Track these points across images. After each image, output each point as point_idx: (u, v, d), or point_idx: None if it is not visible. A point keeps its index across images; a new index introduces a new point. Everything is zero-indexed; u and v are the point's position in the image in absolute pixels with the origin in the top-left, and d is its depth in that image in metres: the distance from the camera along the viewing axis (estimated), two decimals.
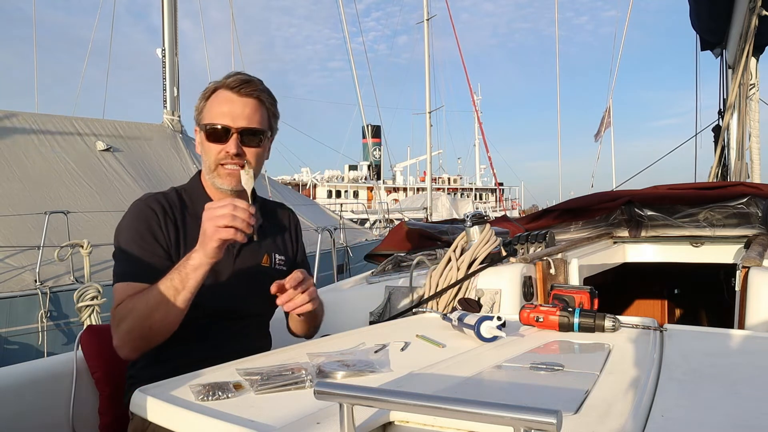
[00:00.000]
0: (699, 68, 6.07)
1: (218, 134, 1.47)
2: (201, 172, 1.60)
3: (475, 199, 42.69)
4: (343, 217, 11.51)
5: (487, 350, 1.28)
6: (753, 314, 1.81)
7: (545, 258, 2.27)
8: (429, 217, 22.63)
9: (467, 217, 2.18)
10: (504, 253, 2.18)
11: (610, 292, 2.55)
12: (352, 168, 40.93)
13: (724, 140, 5.09)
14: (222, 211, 1.27)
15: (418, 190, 38.29)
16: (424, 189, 30.76)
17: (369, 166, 25.97)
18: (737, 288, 1.92)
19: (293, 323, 1.65)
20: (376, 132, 30.57)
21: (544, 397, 0.97)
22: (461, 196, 38.41)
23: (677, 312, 3.71)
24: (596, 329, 1.38)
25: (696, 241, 2.89)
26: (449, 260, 2.10)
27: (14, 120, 7.77)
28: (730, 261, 2.64)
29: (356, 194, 36.91)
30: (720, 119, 5.41)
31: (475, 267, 2.07)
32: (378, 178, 26.80)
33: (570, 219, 3.20)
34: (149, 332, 1.34)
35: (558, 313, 1.42)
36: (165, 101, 9.66)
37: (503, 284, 2.01)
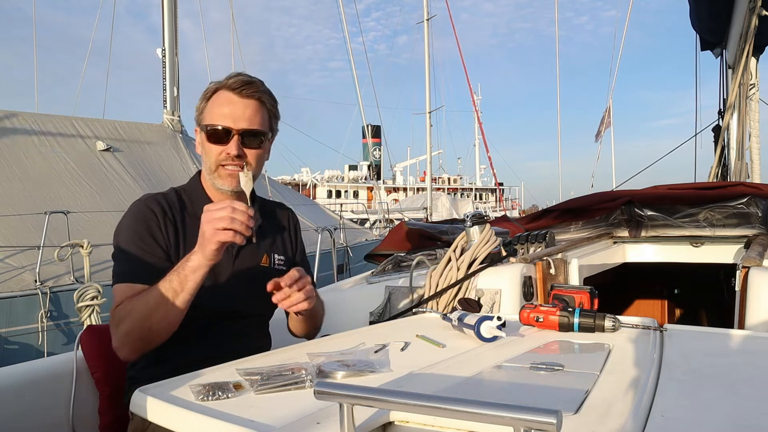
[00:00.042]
0: (699, 68, 6.08)
1: (219, 135, 1.47)
2: (201, 172, 1.60)
3: (475, 199, 42.69)
4: (343, 217, 11.52)
5: (487, 350, 1.28)
6: (753, 314, 1.81)
7: (545, 258, 2.27)
8: (429, 217, 22.63)
9: (467, 217, 2.18)
10: (504, 253, 2.18)
11: (610, 292, 2.55)
12: (352, 168, 40.92)
13: (724, 140, 5.09)
14: (221, 213, 1.27)
15: (418, 190, 38.29)
16: (424, 189, 30.77)
17: (369, 166, 25.98)
18: (737, 288, 1.92)
19: (293, 324, 1.65)
20: (376, 132, 30.57)
21: (544, 397, 0.97)
22: (461, 196, 38.41)
23: (677, 312, 3.71)
24: (596, 329, 1.38)
25: (696, 241, 2.89)
26: (449, 260, 2.10)
27: (14, 120, 7.78)
28: (730, 261, 2.64)
29: (356, 194, 36.92)
30: (720, 119, 5.41)
31: (475, 267, 2.07)
32: (378, 178, 26.80)
33: (570, 219, 3.20)
34: (148, 333, 1.34)
35: (558, 313, 1.42)
36: (165, 101, 9.67)
37: (503, 284, 2.01)
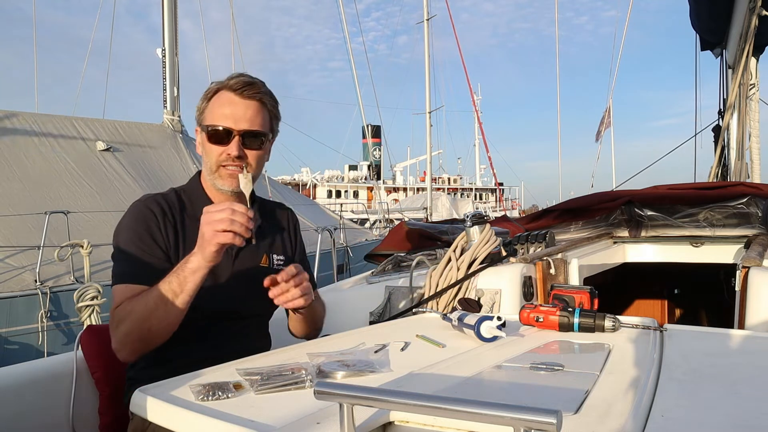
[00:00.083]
0: (699, 68, 6.08)
1: (220, 136, 1.47)
2: (200, 172, 1.60)
3: (475, 199, 42.69)
4: (343, 217, 11.52)
5: (487, 350, 1.28)
6: (753, 314, 1.81)
7: (545, 258, 2.27)
8: (429, 217, 22.63)
9: (467, 217, 2.18)
10: (504, 253, 2.18)
11: (610, 292, 2.55)
12: (352, 168, 40.92)
13: (724, 140, 5.09)
14: (220, 215, 1.27)
15: (418, 190, 38.29)
16: (424, 189, 30.77)
17: (369, 166, 25.96)
18: (737, 288, 1.92)
19: (293, 324, 1.65)
20: (376, 132, 30.57)
21: (544, 397, 0.97)
22: (461, 196, 38.41)
23: (677, 312, 3.71)
24: (596, 329, 1.38)
25: (696, 241, 2.89)
26: (449, 260, 2.10)
27: (14, 120, 7.77)
28: (730, 261, 2.64)
29: (356, 194, 36.92)
30: (720, 119, 5.41)
31: (475, 267, 2.07)
32: (378, 178, 26.81)
33: (570, 219, 3.20)
34: (148, 334, 1.34)
35: (558, 313, 1.42)
36: (165, 101, 9.67)
37: (503, 284, 2.01)
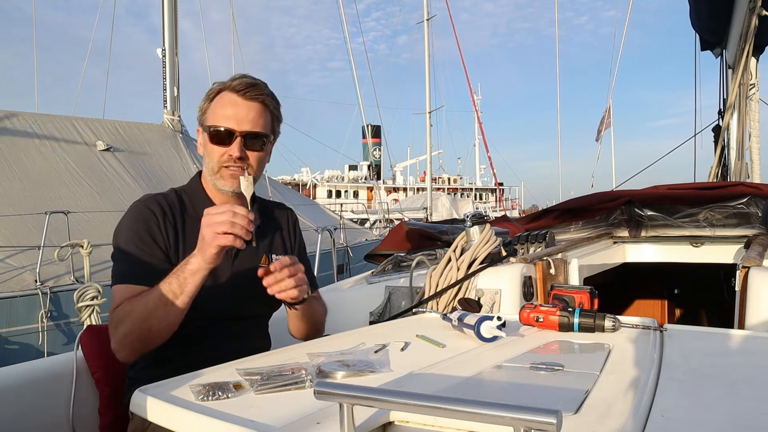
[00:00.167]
0: (699, 68, 6.09)
1: (222, 137, 1.47)
2: (201, 173, 1.60)
3: (475, 199, 42.70)
4: (343, 217, 11.52)
5: (487, 350, 1.28)
6: (753, 314, 1.81)
7: (545, 258, 2.27)
8: (429, 217, 22.63)
9: (467, 217, 2.18)
10: (504, 253, 2.18)
11: (610, 292, 2.55)
12: (352, 168, 40.93)
13: (724, 140, 5.09)
14: (221, 217, 1.27)
15: (418, 190, 38.30)
16: (424, 189, 30.77)
17: (369, 166, 25.99)
18: (737, 288, 1.92)
19: (291, 323, 1.64)
20: (376, 132, 30.56)
21: (544, 397, 0.97)
22: (461, 196, 38.42)
23: (677, 312, 3.71)
24: (596, 329, 1.38)
25: (696, 241, 2.89)
26: (449, 260, 2.10)
27: (14, 120, 7.77)
28: (730, 261, 2.64)
29: (356, 194, 36.92)
30: (720, 119, 5.41)
31: (475, 267, 2.07)
32: (378, 178, 26.82)
33: (570, 219, 3.20)
34: (147, 335, 1.34)
35: (558, 313, 1.42)
36: (165, 101, 9.68)
37: (503, 284, 2.01)
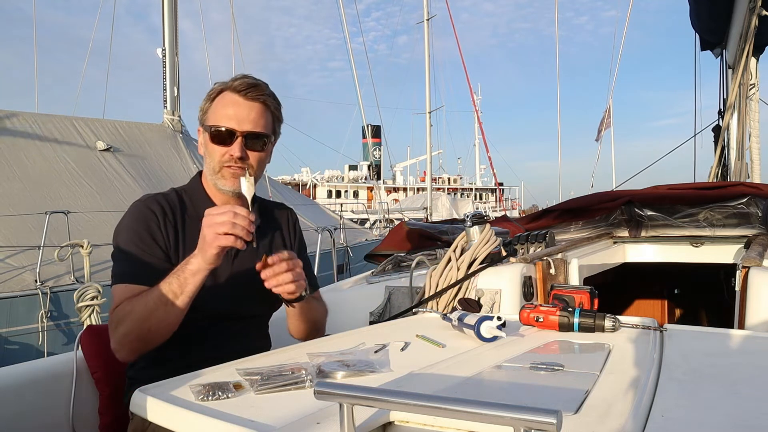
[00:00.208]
0: (699, 68, 6.09)
1: (223, 136, 1.47)
2: (201, 173, 1.60)
3: (475, 199, 42.70)
4: (343, 217, 11.52)
5: (487, 350, 1.28)
6: (753, 314, 1.81)
7: (545, 258, 2.27)
8: (429, 217, 22.64)
9: (467, 217, 2.18)
10: (504, 253, 2.18)
11: (610, 292, 2.55)
12: (352, 168, 40.93)
13: (724, 140, 5.09)
14: (222, 218, 1.27)
15: (418, 190, 38.30)
16: (424, 189, 30.78)
17: (369, 166, 25.97)
18: (737, 288, 1.92)
19: (290, 322, 1.63)
20: (376, 132, 30.57)
21: (544, 397, 0.97)
22: (461, 196, 38.40)
23: (677, 312, 3.71)
24: (596, 329, 1.38)
25: (696, 241, 2.89)
26: (449, 260, 2.09)
27: (14, 120, 7.77)
28: (730, 261, 2.64)
29: (356, 194, 36.93)
30: (720, 119, 5.42)
31: (475, 267, 2.07)
32: (378, 178, 26.82)
33: (570, 219, 3.20)
34: (147, 335, 1.34)
35: (558, 313, 1.42)
36: (165, 101, 9.68)
37: (503, 284, 2.01)
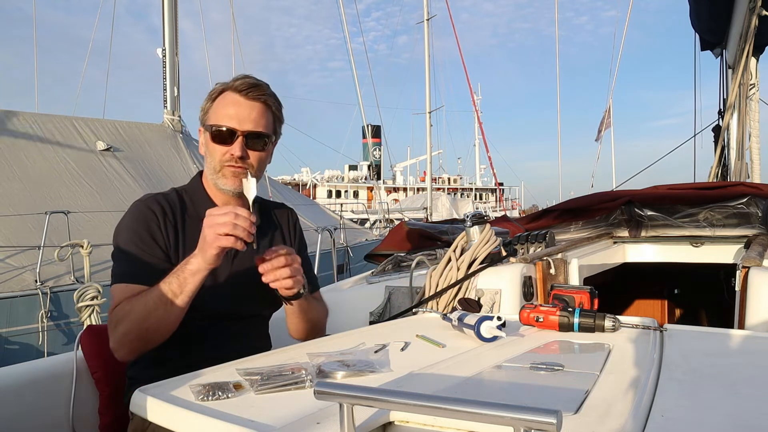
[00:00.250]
0: (699, 68, 6.09)
1: (223, 136, 1.47)
2: (202, 173, 1.60)
3: (475, 199, 42.72)
4: (343, 217, 11.52)
5: (487, 350, 1.28)
6: (753, 314, 1.81)
7: (545, 258, 2.27)
8: (429, 217, 22.64)
9: (467, 217, 2.18)
10: (504, 253, 2.18)
11: (610, 292, 2.55)
12: (352, 168, 40.93)
13: (724, 140, 5.09)
14: (223, 219, 1.27)
15: (418, 190, 38.31)
16: (424, 189, 30.78)
17: (369, 166, 25.96)
18: (737, 288, 1.91)
19: (289, 321, 1.63)
20: (376, 132, 30.57)
21: (544, 397, 0.97)
22: (461, 196, 38.41)
23: (677, 312, 3.71)
24: (596, 329, 1.38)
25: (696, 241, 2.89)
26: (449, 260, 2.09)
27: (14, 120, 7.77)
28: (730, 261, 2.64)
29: (356, 194, 36.93)
30: (720, 119, 5.42)
31: (475, 267, 2.07)
32: (378, 178, 26.82)
33: (570, 219, 3.20)
34: (146, 334, 1.34)
35: (558, 313, 1.42)
36: (165, 101, 9.68)
37: (503, 284, 2.01)
